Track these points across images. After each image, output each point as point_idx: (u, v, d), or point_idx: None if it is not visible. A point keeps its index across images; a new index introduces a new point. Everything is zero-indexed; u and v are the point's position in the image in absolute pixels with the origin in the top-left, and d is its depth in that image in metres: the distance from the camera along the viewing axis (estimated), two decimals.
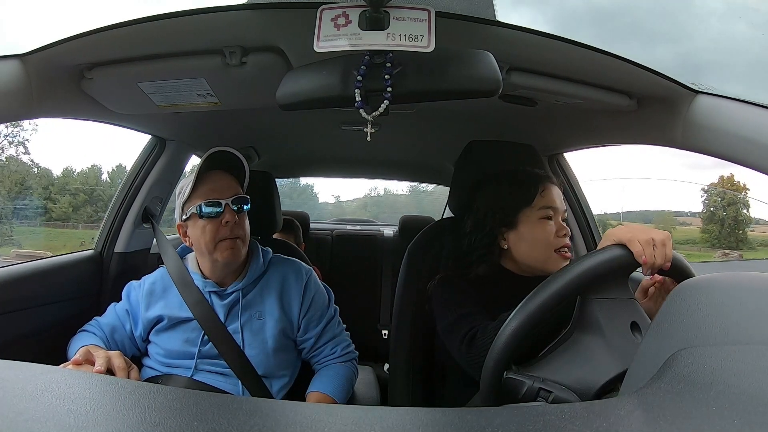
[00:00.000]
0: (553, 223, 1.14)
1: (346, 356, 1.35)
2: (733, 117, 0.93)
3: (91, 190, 8.88)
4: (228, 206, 1.19)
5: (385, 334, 2.62)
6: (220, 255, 1.20)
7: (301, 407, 0.48)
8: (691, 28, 18.87)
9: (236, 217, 1.20)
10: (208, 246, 1.20)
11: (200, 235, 1.20)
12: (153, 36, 0.96)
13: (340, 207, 7.71)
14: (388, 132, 1.86)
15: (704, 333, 0.51)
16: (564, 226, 1.15)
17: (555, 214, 1.15)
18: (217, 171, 1.24)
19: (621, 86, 1.10)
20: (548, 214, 1.15)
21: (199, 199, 1.19)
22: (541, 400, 0.73)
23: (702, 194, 13.32)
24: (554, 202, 1.16)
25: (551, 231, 1.14)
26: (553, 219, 1.15)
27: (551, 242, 1.13)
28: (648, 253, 0.77)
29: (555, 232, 1.14)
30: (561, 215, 1.16)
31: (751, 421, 0.37)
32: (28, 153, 8.15)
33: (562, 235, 1.14)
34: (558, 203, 1.16)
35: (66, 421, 0.38)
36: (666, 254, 0.78)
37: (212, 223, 1.19)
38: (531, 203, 1.15)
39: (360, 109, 0.78)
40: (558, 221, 1.15)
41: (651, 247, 0.77)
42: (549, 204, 1.15)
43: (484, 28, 0.88)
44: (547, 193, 1.16)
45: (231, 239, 1.20)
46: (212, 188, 1.20)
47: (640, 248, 0.77)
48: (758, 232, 12.89)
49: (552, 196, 1.16)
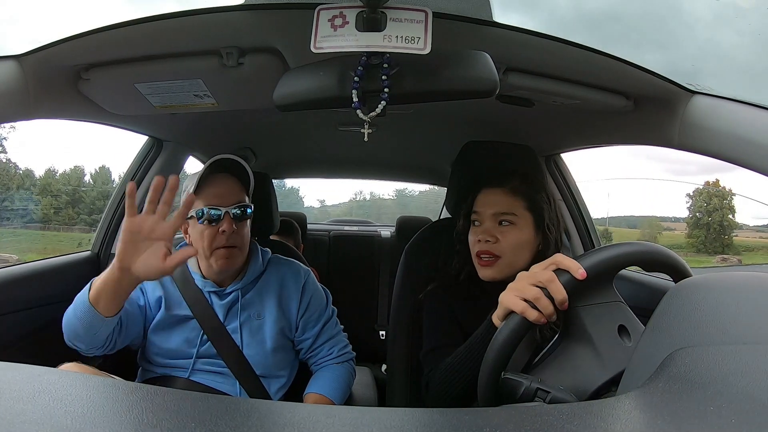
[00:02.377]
0: (476, 229, 1.13)
1: (343, 357, 1.35)
2: (730, 117, 0.93)
3: (73, 191, 8.77)
4: (227, 214, 1.19)
5: (382, 334, 2.62)
6: (215, 262, 1.20)
7: (298, 408, 0.48)
8: (679, 36, 18.99)
9: (234, 225, 1.19)
10: (204, 251, 1.20)
11: (198, 238, 1.20)
12: (150, 37, 0.96)
13: (325, 212, 7.64)
14: (385, 133, 1.86)
15: (701, 332, 0.51)
16: (485, 230, 1.11)
17: (482, 218, 1.13)
18: (223, 174, 1.23)
19: (618, 87, 1.10)
20: (475, 218, 1.14)
21: (201, 201, 1.19)
22: (538, 400, 0.73)
23: (687, 200, 13.40)
24: (480, 206, 1.14)
25: (474, 237, 1.13)
26: (481, 224, 1.13)
27: (474, 248, 1.13)
28: (543, 306, 0.74)
29: (476, 238, 1.12)
30: (492, 218, 1.12)
31: (749, 420, 0.38)
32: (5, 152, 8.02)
33: (477, 241, 1.12)
34: (483, 207, 1.13)
35: (63, 423, 0.38)
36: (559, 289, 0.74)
37: (210, 229, 1.18)
38: (469, 209, 1.16)
39: (357, 110, 0.78)
40: (486, 226, 1.12)
41: (543, 299, 0.74)
42: (474, 208, 1.15)
43: (481, 29, 0.88)
44: (479, 198, 1.15)
45: (227, 248, 1.19)
46: (215, 193, 1.19)
47: (536, 314, 0.74)
48: (741, 237, 12.97)
49: (482, 201, 1.14)
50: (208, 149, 2.05)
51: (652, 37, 19.46)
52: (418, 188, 6.18)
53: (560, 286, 0.74)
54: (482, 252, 1.11)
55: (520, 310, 0.76)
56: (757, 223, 13.42)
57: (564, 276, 0.75)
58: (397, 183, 4.92)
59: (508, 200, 1.13)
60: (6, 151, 7.96)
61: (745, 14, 7.75)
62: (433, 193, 4.59)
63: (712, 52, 17.95)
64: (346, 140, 2.05)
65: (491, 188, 1.15)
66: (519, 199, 1.13)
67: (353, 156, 2.51)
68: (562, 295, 0.74)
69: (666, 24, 20.05)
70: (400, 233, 2.84)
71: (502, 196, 1.13)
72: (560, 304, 0.74)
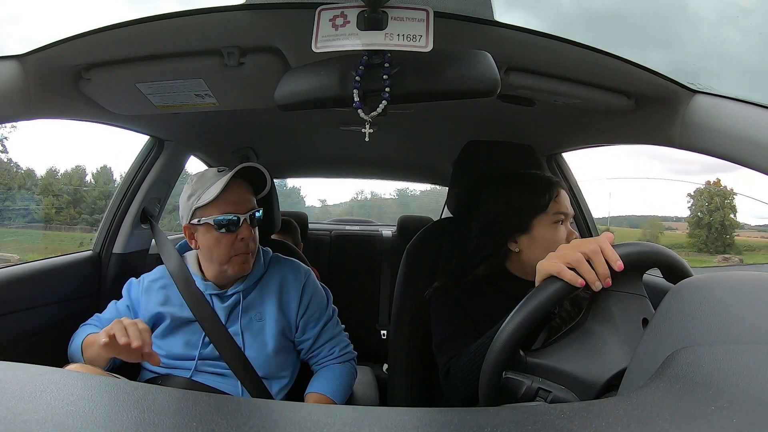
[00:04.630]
0: (563, 228, 1.16)
1: (344, 356, 1.35)
2: (731, 116, 0.93)
3: (74, 191, 8.75)
4: (246, 222, 1.19)
5: (383, 334, 2.62)
6: (232, 268, 1.21)
7: (299, 408, 0.48)
8: (683, 34, 18.81)
9: (252, 232, 1.20)
10: (221, 258, 1.20)
11: (213, 246, 1.20)
12: (151, 36, 0.96)
13: (326, 211, 7.65)
14: (387, 132, 1.86)
15: (703, 332, 0.51)
16: (573, 232, 1.17)
17: (566, 218, 1.17)
18: (237, 180, 1.22)
19: (619, 86, 1.10)
20: (560, 218, 1.16)
21: (216, 209, 1.18)
22: (540, 399, 0.73)
23: (689, 199, 13.36)
24: (566, 207, 1.17)
25: (563, 236, 1.15)
26: (563, 223, 1.16)
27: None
28: (584, 271, 0.73)
29: (566, 237, 1.15)
30: (570, 219, 1.18)
31: (750, 420, 0.38)
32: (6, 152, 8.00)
33: (566, 240, 1.14)
34: (569, 208, 1.17)
35: (65, 423, 0.38)
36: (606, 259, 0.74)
37: (228, 237, 1.19)
38: (546, 209, 1.15)
39: (358, 109, 0.78)
40: (567, 226, 1.17)
41: (585, 264, 0.73)
42: (561, 209, 1.16)
43: (483, 28, 0.88)
44: (559, 198, 1.16)
45: (245, 254, 1.20)
46: (231, 200, 1.19)
47: (572, 275, 0.73)
48: (743, 237, 12.94)
49: (564, 201, 1.17)
50: (209, 149, 2.05)
51: (657, 35, 19.50)
52: (420, 188, 6.18)
53: (603, 260, 0.74)
54: None
55: (556, 271, 0.74)
56: (758, 223, 13.39)
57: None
58: (398, 182, 4.91)
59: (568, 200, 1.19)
60: (7, 150, 7.95)
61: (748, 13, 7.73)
62: (435, 192, 4.59)
63: (717, 50, 18.00)
64: (347, 140, 2.05)
65: (563, 189, 1.19)
66: None
67: (354, 155, 2.51)
68: (605, 270, 0.73)
69: (670, 22, 20.05)
70: (402, 233, 2.84)
71: (567, 195, 1.19)
72: (603, 278, 0.73)
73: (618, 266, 0.73)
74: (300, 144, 2.27)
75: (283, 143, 2.25)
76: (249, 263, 1.23)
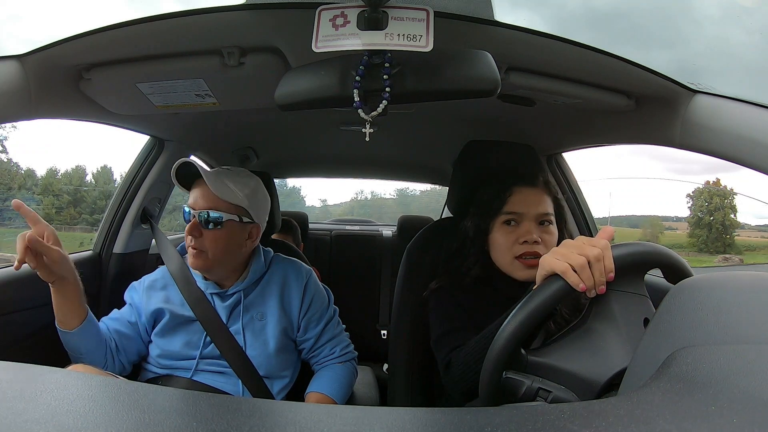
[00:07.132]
0: (514, 229, 1.11)
1: (345, 356, 1.35)
2: (732, 116, 0.93)
3: (74, 191, 8.75)
4: (194, 219, 1.19)
5: (384, 334, 2.62)
6: (189, 258, 1.22)
7: (300, 408, 0.48)
8: (687, 33, 18.80)
9: (199, 231, 1.19)
10: (186, 248, 1.23)
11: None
12: (151, 36, 0.96)
13: (326, 211, 7.66)
14: (387, 132, 1.86)
15: (703, 332, 0.51)
16: (528, 232, 1.10)
17: (521, 219, 1.12)
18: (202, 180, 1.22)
19: (619, 86, 1.10)
20: (510, 219, 1.12)
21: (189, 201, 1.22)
22: (540, 399, 0.73)
23: (689, 199, 13.38)
24: (519, 206, 1.12)
25: (511, 238, 1.11)
26: (519, 224, 1.11)
27: (511, 249, 1.11)
28: (586, 277, 0.73)
29: (516, 239, 1.10)
30: (533, 219, 1.12)
31: (751, 420, 0.38)
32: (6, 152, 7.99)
33: (523, 242, 1.10)
34: (524, 208, 1.12)
35: (65, 423, 0.38)
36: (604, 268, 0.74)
37: (186, 228, 1.20)
38: (500, 209, 1.13)
39: (359, 109, 0.78)
40: (526, 226, 1.11)
41: (587, 269, 0.73)
42: (512, 209, 1.12)
43: (483, 28, 0.88)
44: (514, 198, 1.12)
45: (192, 248, 1.20)
46: (194, 195, 1.22)
47: (576, 278, 0.73)
48: (743, 237, 12.96)
49: (519, 201, 1.12)
50: (209, 149, 2.05)
51: (661, 34, 19.49)
52: (420, 188, 6.19)
53: (602, 268, 0.74)
54: (528, 253, 1.09)
55: (562, 270, 0.74)
56: (758, 223, 13.43)
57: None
58: (398, 182, 4.92)
59: (546, 199, 1.14)
60: (7, 150, 7.95)
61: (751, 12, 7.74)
62: (435, 192, 4.59)
63: (720, 49, 17.91)
64: (348, 140, 2.05)
65: (527, 187, 1.14)
66: (549, 198, 1.15)
67: (355, 155, 2.51)
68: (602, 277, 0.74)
69: (674, 20, 20.04)
70: (402, 232, 2.84)
71: (541, 195, 1.14)
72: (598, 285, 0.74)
73: (609, 277, 0.74)
74: (300, 144, 2.27)
75: (284, 143, 2.25)
76: (202, 261, 1.20)
